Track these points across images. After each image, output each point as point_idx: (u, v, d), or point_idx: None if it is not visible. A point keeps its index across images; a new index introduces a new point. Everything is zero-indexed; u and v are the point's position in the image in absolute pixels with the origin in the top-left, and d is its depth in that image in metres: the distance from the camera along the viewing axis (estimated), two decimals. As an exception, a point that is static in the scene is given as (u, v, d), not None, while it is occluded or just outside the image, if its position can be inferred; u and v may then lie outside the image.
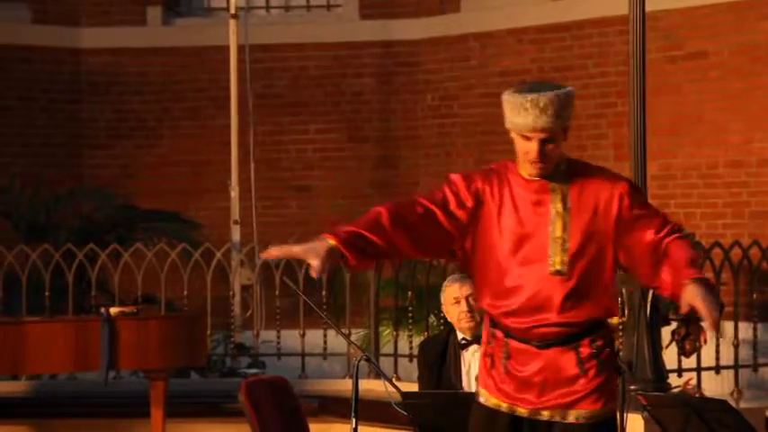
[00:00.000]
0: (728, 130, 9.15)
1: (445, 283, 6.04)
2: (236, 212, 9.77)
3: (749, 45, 9.00)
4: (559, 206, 4.27)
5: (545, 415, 4.31)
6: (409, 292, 8.74)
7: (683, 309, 4.05)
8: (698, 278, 4.06)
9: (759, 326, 8.02)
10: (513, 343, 4.33)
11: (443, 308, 6.00)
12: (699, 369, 7.77)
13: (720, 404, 5.21)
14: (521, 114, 4.22)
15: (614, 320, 8.06)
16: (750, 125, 9.04)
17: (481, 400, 4.40)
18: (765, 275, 8.19)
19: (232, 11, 9.96)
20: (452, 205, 4.32)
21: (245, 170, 10.01)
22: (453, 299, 5.88)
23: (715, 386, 7.94)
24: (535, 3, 10.17)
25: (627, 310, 7.27)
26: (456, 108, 10.66)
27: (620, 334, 7.81)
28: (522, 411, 4.33)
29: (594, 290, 4.27)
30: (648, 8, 7.07)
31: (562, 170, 4.32)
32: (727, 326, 7.97)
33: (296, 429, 6.57)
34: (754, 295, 8.09)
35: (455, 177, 4.38)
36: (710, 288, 4.04)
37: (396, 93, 10.94)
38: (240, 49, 9.97)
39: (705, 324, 4.18)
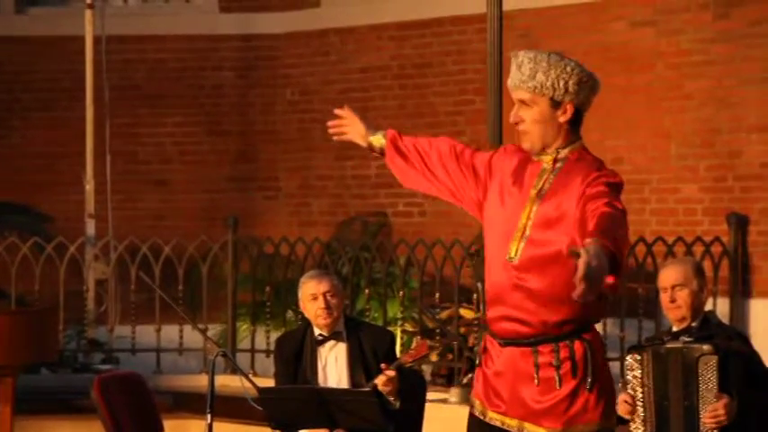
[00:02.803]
0: (582, 129, 9.31)
1: (303, 278, 6.02)
2: (90, 206, 9.60)
3: (602, 45, 9.19)
4: (537, 191, 3.99)
5: (513, 425, 3.99)
6: (267, 287, 8.71)
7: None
8: (598, 240, 3.65)
9: (608, 321, 8.20)
10: (488, 335, 4.07)
11: (301, 304, 5.98)
12: (551, 363, 7.91)
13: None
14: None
15: (469, 315, 8.20)
16: (602, 124, 9.22)
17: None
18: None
19: (88, 0, 9.79)
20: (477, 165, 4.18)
21: (100, 163, 9.85)
22: (311, 295, 5.86)
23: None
24: (395, -1, 10.23)
25: (481, 305, 7.37)
26: (316, 103, 10.64)
27: (476, 329, 7.91)
28: (493, 416, 4.03)
29: (556, 289, 3.89)
30: (505, 7, 7.17)
31: (561, 157, 4.03)
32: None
33: (150, 426, 6.49)
34: (606, 291, 8.27)
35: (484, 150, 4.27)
36: (601, 254, 3.57)
37: (255, 87, 10.88)
38: (96, 39, 9.80)
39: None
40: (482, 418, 4.07)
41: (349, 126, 4.35)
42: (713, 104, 8.71)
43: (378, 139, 4.32)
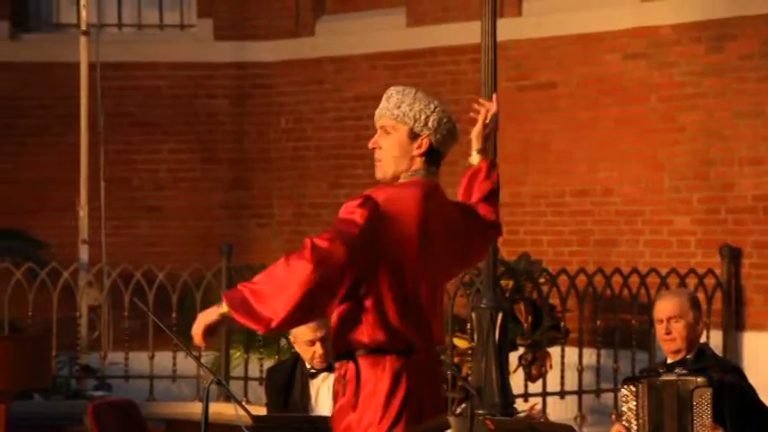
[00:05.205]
0: (575, 160, 9.37)
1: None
2: (84, 232, 9.61)
3: (595, 77, 9.24)
4: None
5: None
6: (260, 315, 8.68)
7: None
8: None
9: (602, 352, 8.22)
10: None
11: (292, 339, 5.87)
12: (544, 394, 7.93)
13: (565, 429, 5.32)
14: None
15: (463, 344, 8.21)
16: (595, 155, 9.27)
17: None
18: (609, 302, 8.39)
19: (83, 27, 9.82)
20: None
21: (94, 189, 9.86)
22: (308, 341, 5.75)
23: (559, 411, 8.10)
24: (390, 29, 10.27)
25: (476, 335, 7.38)
26: (310, 131, 10.67)
27: (470, 358, 7.93)
28: None
29: (343, 315, 4.13)
30: (500, 38, 7.22)
31: None
32: (572, 352, 8.14)
33: (143, 453, 6.48)
34: (598, 322, 8.29)
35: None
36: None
37: (250, 114, 10.91)
38: (91, 66, 9.82)
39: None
40: None
41: None
42: (706, 137, 8.76)
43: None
